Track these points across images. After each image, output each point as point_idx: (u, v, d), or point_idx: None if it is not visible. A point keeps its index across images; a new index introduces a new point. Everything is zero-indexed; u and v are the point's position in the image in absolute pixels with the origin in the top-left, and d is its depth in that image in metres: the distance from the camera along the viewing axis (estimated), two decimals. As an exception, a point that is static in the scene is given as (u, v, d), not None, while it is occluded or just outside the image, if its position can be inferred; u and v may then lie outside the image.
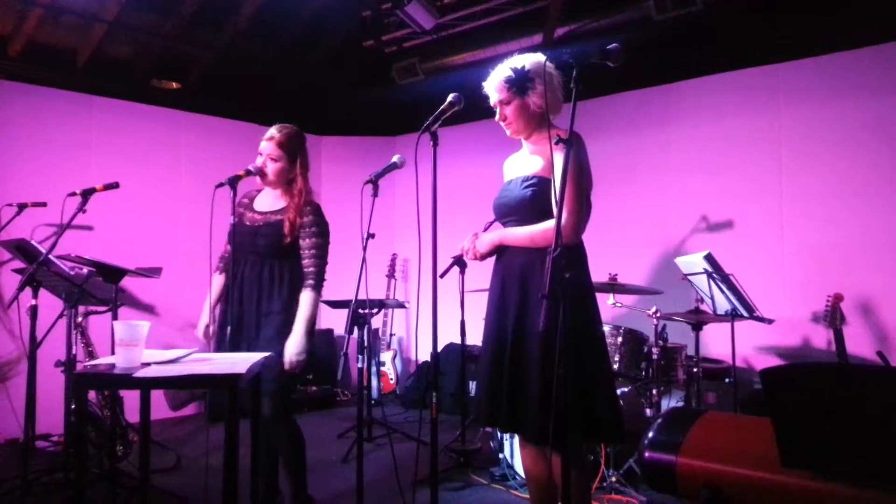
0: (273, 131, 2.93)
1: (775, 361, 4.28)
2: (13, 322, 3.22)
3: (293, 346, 2.75)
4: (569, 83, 1.93)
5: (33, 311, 3.20)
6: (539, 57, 2.35)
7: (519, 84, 2.31)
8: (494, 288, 2.44)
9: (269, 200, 2.98)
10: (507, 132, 2.45)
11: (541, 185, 2.31)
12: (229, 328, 2.86)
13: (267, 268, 2.86)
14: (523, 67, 2.31)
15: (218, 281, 3.05)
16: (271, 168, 2.89)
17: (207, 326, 2.98)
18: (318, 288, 2.85)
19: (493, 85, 2.39)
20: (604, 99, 5.14)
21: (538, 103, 2.32)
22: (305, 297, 2.82)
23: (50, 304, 3.40)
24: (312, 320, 2.82)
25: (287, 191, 2.94)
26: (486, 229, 2.66)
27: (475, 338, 3.08)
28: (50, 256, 3.08)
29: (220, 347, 2.88)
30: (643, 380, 3.84)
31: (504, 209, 2.44)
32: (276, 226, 2.87)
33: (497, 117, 2.43)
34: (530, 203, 2.32)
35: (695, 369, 3.74)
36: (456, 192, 5.11)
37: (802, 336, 4.24)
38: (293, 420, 2.94)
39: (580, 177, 2.28)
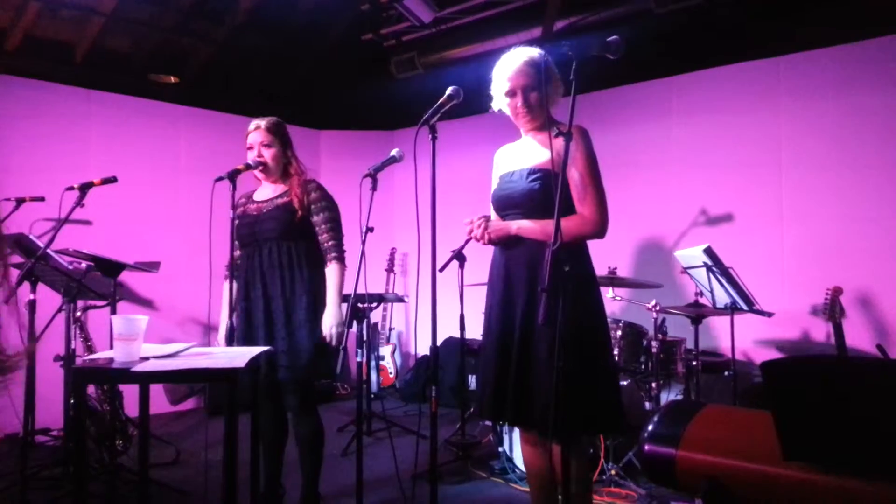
0: (257, 121, 2.96)
1: (775, 355, 4.27)
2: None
3: (330, 318, 2.80)
4: (568, 76, 1.92)
5: (32, 305, 3.20)
6: (536, 51, 2.35)
7: (544, 72, 2.29)
8: (498, 280, 2.39)
9: (268, 190, 3.01)
10: (523, 122, 2.38)
11: (548, 178, 2.27)
12: (259, 319, 2.85)
13: (284, 250, 2.87)
14: (544, 58, 2.31)
15: (232, 288, 3.02)
16: (267, 154, 2.91)
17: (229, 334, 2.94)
18: (341, 259, 2.89)
19: (516, 69, 2.32)
20: (604, 92, 5.13)
21: (550, 95, 2.32)
22: (333, 270, 2.86)
23: (48, 298, 3.40)
24: (342, 292, 2.86)
25: (285, 175, 2.96)
26: None
27: (474, 332, 3.08)
28: (48, 251, 3.07)
29: (244, 342, 2.86)
30: (642, 373, 3.85)
31: (507, 201, 2.39)
32: (284, 207, 2.88)
33: (521, 103, 2.33)
34: (539, 196, 2.27)
35: (694, 362, 3.74)
36: (455, 186, 5.10)
37: (802, 329, 4.24)
38: (317, 413, 2.95)
39: (597, 170, 2.28)
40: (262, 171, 2.94)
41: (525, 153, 2.43)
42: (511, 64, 2.34)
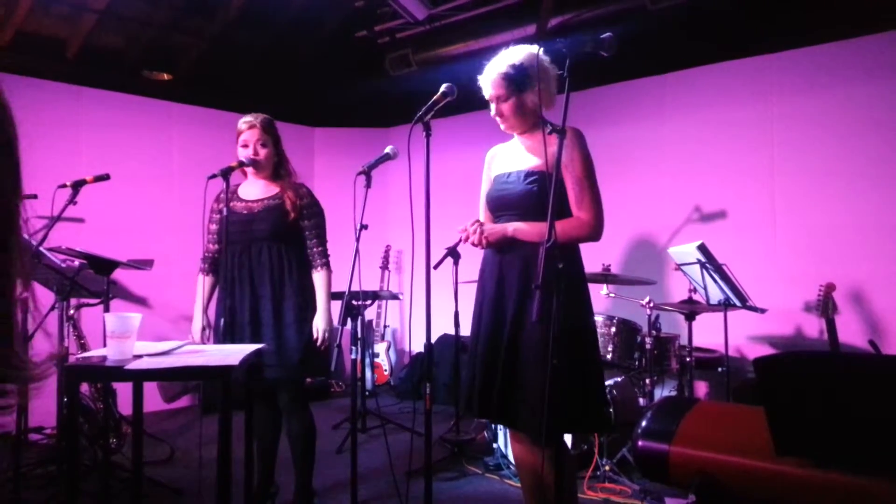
0: (250, 119, 2.93)
1: (768, 351, 4.30)
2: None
3: (322, 322, 2.87)
4: (562, 74, 1.92)
5: (24, 304, 3.18)
6: (533, 49, 2.31)
7: (517, 82, 2.28)
8: (490, 280, 2.38)
9: (257, 189, 2.98)
10: (503, 127, 2.42)
11: (545, 180, 2.25)
12: (244, 317, 2.85)
13: (275, 252, 2.88)
14: (521, 65, 2.28)
15: (207, 282, 3.03)
16: (263, 153, 2.90)
17: (204, 329, 2.96)
18: (328, 265, 2.97)
19: (490, 80, 2.34)
20: (597, 90, 5.13)
21: (535, 100, 2.30)
22: (321, 276, 2.94)
23: (41, 296, 3.38)
24: (330, 296, 2.93)
25: (276, 175, 2.95)
26: None
27: (469, 329, 3.08)
28: (41, 249, 3.06)
29: (225, 339, 2.86)
30: (636, 369, 3.86)
31: (502, 203, 2.38)
32: (276, 209, 2.88)
33: (493, 112, 2.38)
34: (536, 198, 2.26)
35: (688, 359, 3.75)
36: (449, 183, 5.10)
37: (795, 325, 4.26)
38: (309, 410, 2.97)
39: (593, 174, 2.28)
40: (254, 169, 2.93)
41: (520, 154, 2.41)
42: (488, 73, 2.35)
